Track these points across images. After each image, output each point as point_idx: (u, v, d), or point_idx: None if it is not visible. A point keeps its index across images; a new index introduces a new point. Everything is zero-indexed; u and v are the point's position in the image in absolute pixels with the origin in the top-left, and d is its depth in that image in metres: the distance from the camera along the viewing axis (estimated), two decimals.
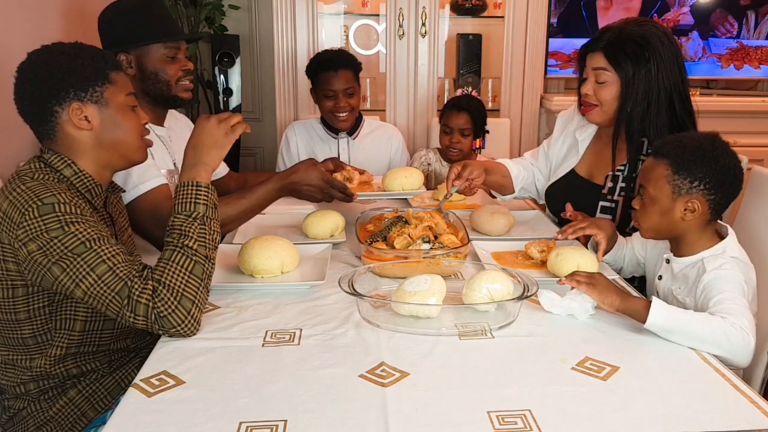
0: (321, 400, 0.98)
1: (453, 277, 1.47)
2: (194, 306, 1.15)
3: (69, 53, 1.26)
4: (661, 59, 1.63)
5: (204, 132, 1.33)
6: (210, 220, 1.24)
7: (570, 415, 0.94)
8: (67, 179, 1.26)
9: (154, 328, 1.13)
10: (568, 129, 1.94)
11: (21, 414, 1.28)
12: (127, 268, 1.15)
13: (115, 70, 1.30)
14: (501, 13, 3.25)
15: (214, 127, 1.33)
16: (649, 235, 1.40)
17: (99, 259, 1.13)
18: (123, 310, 1.12)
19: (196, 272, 1.17)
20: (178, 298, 1.14)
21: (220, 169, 2.16)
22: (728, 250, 1.32)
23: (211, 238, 1.23)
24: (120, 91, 1.30)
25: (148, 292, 1.12)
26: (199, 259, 1.19)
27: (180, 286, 1.14)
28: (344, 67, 2.38)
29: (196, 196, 1.24)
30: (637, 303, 1.21)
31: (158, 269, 1.16)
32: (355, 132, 2.53)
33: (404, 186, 1.89)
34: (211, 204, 1.26)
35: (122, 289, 1.12)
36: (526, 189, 2.03)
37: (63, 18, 2.33)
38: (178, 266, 1.16)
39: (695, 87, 3.41)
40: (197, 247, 1.19)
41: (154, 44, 1.75)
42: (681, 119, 1.66)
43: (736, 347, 1.14)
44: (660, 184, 1.32)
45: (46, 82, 1.24)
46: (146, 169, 1.66)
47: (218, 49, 3.53)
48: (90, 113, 1.26)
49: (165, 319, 1.12)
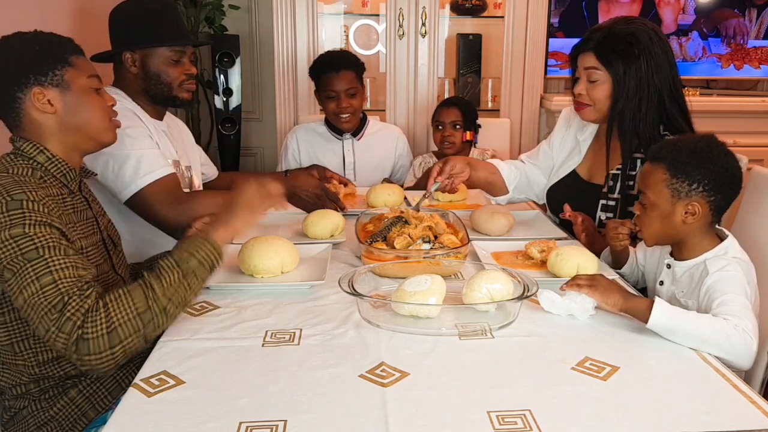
0: (321, 400, 0.97)
1: (453, 277, 1.46)
2: (120, 346, 1.08)
3: (26, 40, 1.28)
4: (651, 56, 1.64)
5: (244, 193, 1.32)
6: (195, 277, 1.18)
7: (570, 415, 0.94)
8: (42, 165, 1.26)
9: (71, 350, 1.06)
10: (570, 129, 1.94)
11: (21, 414, 1.28)
12: (71, 283, 1.10)
13: (75, 54, 1.31)
14: (501, 13, 3.26)
15: (254, 188, 1.32)
16: (652, 242, 1.40)
17: (47, 269, 1.10)
18: (51, 326, 1.07)
19: (144, 318, 1.11)
20: (110, 329, 1.07)
21: (211, 171, 2.19)
22: (730, 250, 1.32)
23: (183, 295, 1.16)
24: (81, 74, 1.30)
25: (81, 311, 1.07)
26: (155, 307, 1.12)
27: (119, 320, 1.08)
28: (346, 68, 2.38)
29: (197, 249, 1.19)
30: (640, 303, 1.20)
31: (112, 294, 1.11)
32: (359, 133, 2.53)
33: (387, 203, 2.02)
34: (207, 264, 1.19)
35: (58, 303, 1.07)
36: (521, 190, 2.00)
37: (69, 16, 2.34)
38: (130, 301, 1.10)
39: (695, 87, 3.42)
40: (161, 296, 1.13)
41: (160, 47, 1.76)
42: (672, 115, 1.67)
43: (738, 349, 1.13)
44: (659, 188, 1.32)
45: (6, 69, 1.25)
46: (157, 158, 1.71)
47: (218, 49, 3.53)
48: (52, 97, 1.26)
49: (86, 342, 1.06)
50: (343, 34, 3.46)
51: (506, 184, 1.97)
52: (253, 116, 3.84)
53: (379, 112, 3.19)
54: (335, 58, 2.43)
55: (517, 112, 3.26)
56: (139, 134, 1.71)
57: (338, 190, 2.04)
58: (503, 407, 0.95)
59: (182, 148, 1.96)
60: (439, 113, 2.63)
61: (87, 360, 1.07)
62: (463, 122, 2.58)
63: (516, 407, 0.95)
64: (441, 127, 2.60)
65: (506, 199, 2.00)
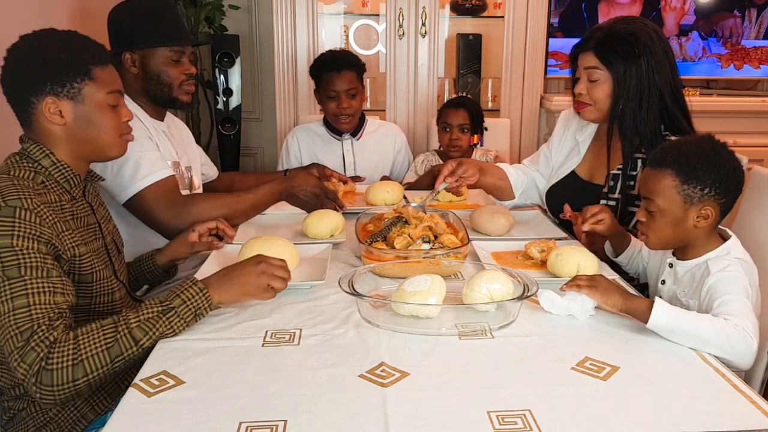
0: (321, 400, 0.97)
1: (453, 277, 1.46)
2: (84, 379, 1.08)
3: (55, 44, 1.26)
4: (652, 56, 1.64)
5: (247, 272, 1.25)
6: (177, 316, 1.16)
7: (570, 415, 0.94)
8: (45, 169, 1.26)
9: (30, 381, 1.06)
10: (569, 130, 1.94)
11: (21, 415, 1.28)
12: (44, 311, 1.09)
13: (100, 66, 1.28)
14: (501, 13, 3.26)
15: (256, 272, 1.25)
16: (658, 247, 1.39)
17: (23, 291, 1.09)
18: (14, 352, 1.07)
19: (111, 352, 1.10)
20: (77, 361, 1.07)
21: (212, 171, 2.19)
22: (733, 251, 1.31)
23: (158, 332, 1.14)
24: (100, 89, 1.28)
25: (46, 342, 1.06)
26: (126, 340, 1.11)
27: (87, 353, 1.08)
28: (348, 68, 2.38)
29: (182, 290, 1.19)
30: (640, 303, 1.20)
31: (83, 328, 1.10)
32: (358, 133, 2.53)
33: (386, 200, 2.01)
34: (192, 307, 1.17)
35: (26, 331, 1.07)
36: (527, 195, 2.00)
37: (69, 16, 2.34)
38: (101, 336, 1.10)
39: (695, 87, 3.42)
40: (135, 329, 1.12)
41: (161, 47, 1.75)
42: (673, 115, 1.67)
43: (738, 349, 1.13)
44: (669, 195, 1.30)
45: (27, 72, 1.24)
46: (156, 160, 1.70)
47: (218, 49, 3.53)
48: (64, 108, 1.25)
49: (49, 373, 1.05)
50: (343, 34, 3.46)
51: (513, 190, 1.97)
52: (253, 116, 3.84)
53: (379, 112, 3.19)
54: (337, 57, 2.43)
55: (517, 112, 3.26)
56: (138, 136, 1.69)
57: (337, 188, 2.03)
58: (503, 407, 0.95)
59: (182, 149, 1.96)
60: (446, 114, 2.57)
61: (47, 390, 1.07)
62: (470, 125, 2.55)
63: (516, 407, 0.95)
64: (448, 129, 2.55)
65: (512, 204, 2.00)
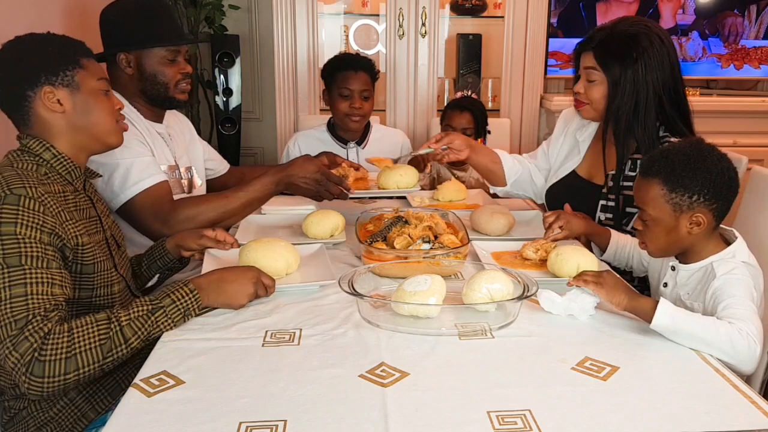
0: (321, 400, 0.98)
1: (453, 277, 1.47)
2: (74, 373, 1.08)
3: (39, 40, 1.30)
4: (650, 59, 1.63)
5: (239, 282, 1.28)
6: (165, 315, 1.18)
7: (570, 415, 0.94)
8: (47, 162, 1.27)
9: (21, 371, 1.05)
10: (569, 129, 1.94)
11: (21, 414, 1.28)
12: (41, 301, 1.10)
13: (86, 57, 1.33)
14: (501, 13, 3.26)
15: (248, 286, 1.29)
16: (658, 255, 1.39)
17: (22, 280, 1.10)
18: (6, 341, 1.07)
19: (104, 348, 1.11)
20: (70, 354, 1.07)
21: (220, 166, 2.17)
22: (738, 254, 1.30)
23: (146, 331, 1.16)
24: (91, 76, 1.32)
25: (41, 333, 1.07)
26: (117, 338, 1.12)
27: (80, 347, 1.09)
28: (364, 70, 2.37)
29: (173, 291, 1.21)
30: (645, 302, 1.20)
31: (78, 321, 1.11)
32: (364, 140, 2.50)
33: (399, 184, 1.89)
34: (181, 307, 1.20)
35: (21, 319, 1.07)
36: (520, 185, 2.00)
37: (63, 16, 2.33)
38: (94, 331, 1.11)
39: (695, 87, 3.42)
40: (125, 327, 1.13)
41: (156, 47, 1.74)
42: (671, 119, 1.66)
43: (741, 353, 1.13)
44: (658, 204, 1.29)
45: (18, 68, 1.27)
46: (147, 166, 1.67)
47: (218, 49, 3.53)
48: (62, 97, 1.28)
49: (42, 364, 1.05)
50: (343, 34, 3.46)
51: (506, 177, 1.97)
52: (253, 116, 3.84)
53: (379, 112, 3.18)
54: (354, 58, 2.43)
55: (517, 112, 3.26)
56: (130, 141, 1.66)
57: (347, 173, 1.92)
58: (503, 407, 0.95)
59: (183, 148, 1.94)
60: (450, 117, 2.56)
61: (37, 382, 1.06)
62: (474, 129, 2.53)
63: (516, 407, 0.95)
64: (451, 131, 2.49)
65: (503, 192, 2.01)
